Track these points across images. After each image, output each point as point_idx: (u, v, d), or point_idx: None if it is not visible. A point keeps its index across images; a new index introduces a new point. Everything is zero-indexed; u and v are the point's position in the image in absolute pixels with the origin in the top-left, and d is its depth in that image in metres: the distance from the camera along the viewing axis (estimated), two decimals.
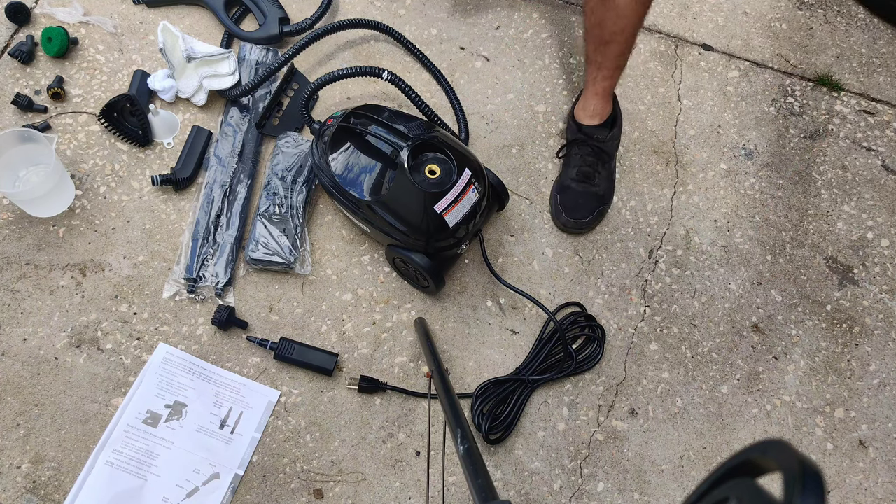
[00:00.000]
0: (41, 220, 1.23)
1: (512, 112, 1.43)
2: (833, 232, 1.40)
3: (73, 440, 1.11)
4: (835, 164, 1.46)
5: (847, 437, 1.25)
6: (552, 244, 1.33)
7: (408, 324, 1.24)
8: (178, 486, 1.10)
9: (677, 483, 1.19)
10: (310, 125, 1.25)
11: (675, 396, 1.25)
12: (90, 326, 1.18)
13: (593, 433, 1.21)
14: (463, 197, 1.07)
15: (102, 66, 1.36)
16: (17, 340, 1.16)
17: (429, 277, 1.15)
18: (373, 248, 1.29)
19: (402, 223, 1.10)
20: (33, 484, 1.08)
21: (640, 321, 1.29)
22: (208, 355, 1.19)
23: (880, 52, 1.58)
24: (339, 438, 1.16)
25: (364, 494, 1.13)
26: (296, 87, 1.39)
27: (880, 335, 1.33)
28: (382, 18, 1.47)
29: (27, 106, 1.29)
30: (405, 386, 1.20)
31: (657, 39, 1.54)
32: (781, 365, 1.29)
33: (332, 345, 1.22)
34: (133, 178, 1.29)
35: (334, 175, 1.15)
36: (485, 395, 1.17)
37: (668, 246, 1.36)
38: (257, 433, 1.15)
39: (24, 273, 1.20)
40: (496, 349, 1.25)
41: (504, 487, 1.16)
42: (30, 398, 1.13)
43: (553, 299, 1.29)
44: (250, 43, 1.40)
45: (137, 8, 1.42)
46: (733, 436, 1.23)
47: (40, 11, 1.39)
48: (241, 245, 1.25)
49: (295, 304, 1.24)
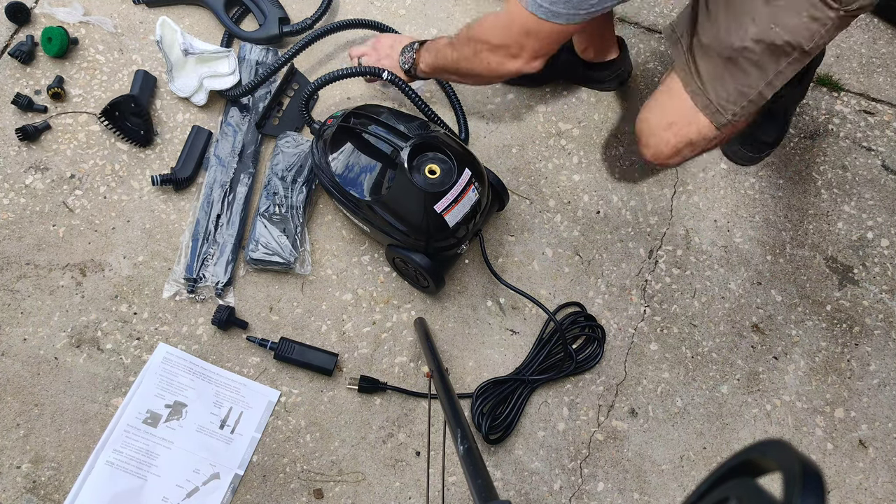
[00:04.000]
0: (41, 220, 1.23)
1: (512, 112, 1.43)
2: (833, 232, 1.40)
3: (73, 440, 1.11)
4: (835, 164, 1.46)
5: (847, 437, 1.25)
6: (552, 244, 1.33)
7: (408, 324, 1.24)
8: (178, 485, 1.10)
9: (677, 483, 1.19)
10: (310, 125, 1.25)
11: (675, 396, 1.25)
12: (90, 326, 1.18)
13: (593, 433, 1.21)
14: (463, 197, 1.07)
15: (102, 66, 1.36)
16: (17, 340, 1.16)
17: (429, 277, 1.15)
18: (373, 248, 1.29)
19: (402, 223, 1.10)
20: (33, 484, 1.08)
21: (640, 321, 1.29)
22: (208, 355, 1.19)
23: (880, 52, 1.58)
24: (339, 438, 1.16)
25: (364, 494, 1.13)
26: (296, 87, 1.39)
27: (880, 335, 1.33)
28: (382, 18, 1.47)
29: (27, 106, 1.29)
30: (405, 386, 1.20)
31: (657, 39, 1.53)
32: (781, 365, 1.29)
33: (332, 345, 1.22)
34: (133, 178, 1.29)
35: (334, 175, 1.15)
36: (485, 395, 1.17)
37: (668, 246, 1.36)
38: (257, 433, 1.15)
39: (24, 273, 1.20)
40: (496, 349, 1.25)
41: (504, 487, 1.16)
42: (30, 398, 1.13)
43: (553, 299, 1.29)
44: (250, 43, 1.40)
45: (137, 8, 1.42)
46: (733, 436, 1.23)
47: (40, 11, 1.39)
48: (241, 245, 1.25)
49: (295, 304, 1.24)
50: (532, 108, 1.44)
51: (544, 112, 1.44)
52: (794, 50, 1.00)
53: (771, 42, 0.99)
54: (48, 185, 1.26)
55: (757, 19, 0.99)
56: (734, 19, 1.02)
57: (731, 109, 1.08)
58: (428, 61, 1.17)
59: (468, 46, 1.05)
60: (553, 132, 1.42)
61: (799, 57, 1.02)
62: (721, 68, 1.05)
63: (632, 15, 1.54)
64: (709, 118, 1.09)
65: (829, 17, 0.97)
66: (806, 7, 0.96)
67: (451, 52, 1.10)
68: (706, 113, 1.09)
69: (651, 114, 1.17)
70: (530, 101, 1.45)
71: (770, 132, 1.39)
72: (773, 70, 1.03)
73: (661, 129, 1.14)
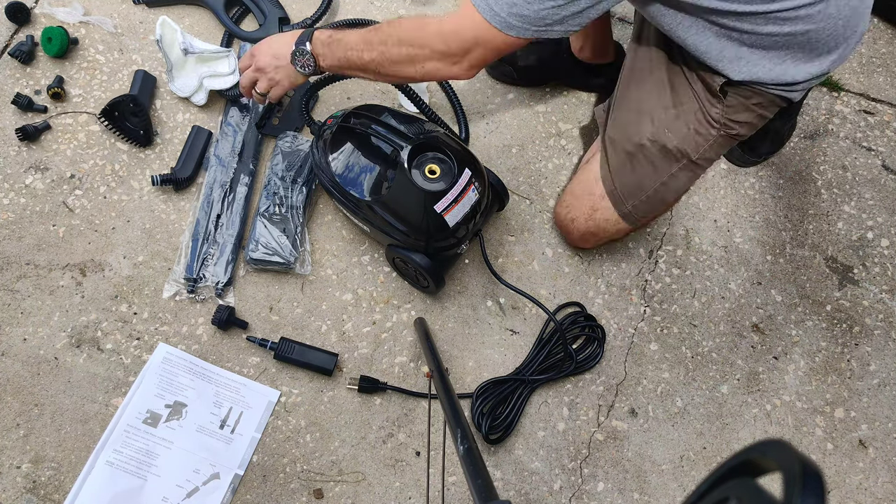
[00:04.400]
0: (41, 220, 1.23)
1: (512, 112, 1.43)
2: (833, 232, 1.40)
3: (73, 440, 1.11)
4: (835, 164, 1.46)
5: (847, 437, 1.25)
6: (552, 244, 1.33)
7: (408, 324, 1.24)
8: (178, 485, 1.10)
9: (677, 483, 1.19)
10: (310, 125, 1.25)
11: (675, 396, 1.25)
12: (90, 326, 1.18)
13: (593, 433, 1.21)
14: (463, 197, 1.07)
15: (102, 66, 1.36)
16: (17, 340, 1.16)
17: (429, 277, 1.15)
18: (373, 248, 1.29)
19: (402, 223, 1.10)
20: (33, 484, 1.08)
21: (640, 321, 1.29)
22: (208, 355, 1.19)
23: (880, 52, 1.58)
24: (339, 438, 1.16)
25: (364, 494, 1.13)
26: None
27: (880, 335, 1.33)
28: (382, 18, 1.47)
29: (27, 106, 1.29)
30: (405, 386, 1.20)
31: None
32: (781, 365, 1.29)
33: (332, 345, 1.22)
34: (133, 178, 1.29)
35: (334, 175, 1.15)
36: (485, 395, 1.17)
37: (668, 246, 1.36)
38: (257, 433, 1.15)
39: (24, 273, 1.20)
40: (496, 349, 1.25)
41: (504, 487, 1.16)
42: (30, 398, 1.13)
43: (553, 299, 1.29)
44: (250, 43, 1.39)
45: (137, 8, 1.42)
46: (733, 436, 1.23)
47: (40, 11, 1.39)
48: (241, 245, 1.25)
49: (295, 304, 1.24)
50: (532, 108, 1.44)
51: (544, 112, 1.44)
52: (684, 157, 1.10)
53: (664, 144, 1.09)
54: (48, 185, 1.26)
55: (655, 121, 1.09)
56: (636, 116, 1.11)
57: (631, 201, 1.16)
58: (332, 61, 1.05)
59: (398, 49, 0.98)
60: (553, 132, 1.42)
61: (689, 164, 1.11)
62: (624, 158, 1.14)
63: (630, 14, 1.54)
64: (613, 205, 1.18)
65: (711, 133, 1.07)
66: (693, 121, 1.06)
67: (367, 52, 1.01)
68: (611, 199, 1.18)
69: (570, 197, 1.26)
70: (530, 101, 1.45)
71: (767, 146, 1.41)
72: (667, 172, 1.12)
73: (580, 212, 1.23)
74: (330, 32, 1.05)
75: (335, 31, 1.05)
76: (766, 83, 0.99)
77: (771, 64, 0.97)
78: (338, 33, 1.05)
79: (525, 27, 0.89)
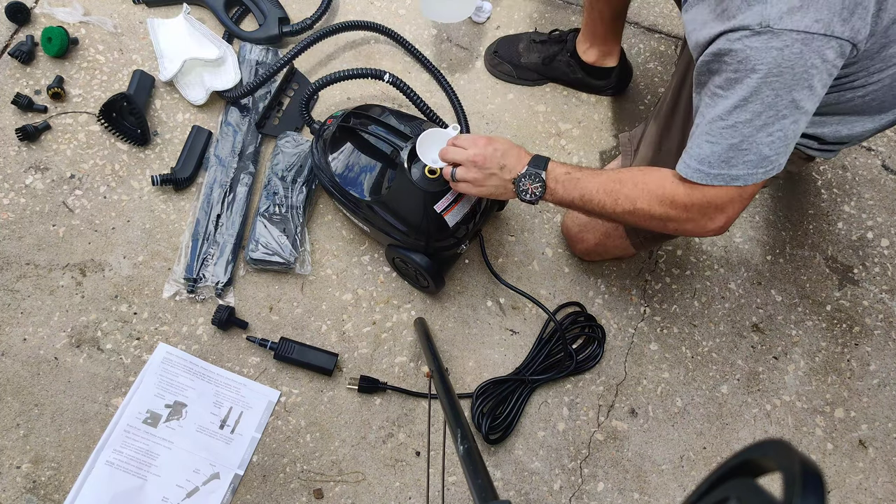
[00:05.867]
0: (41, 220, 1.23)
1: (512, 112, 1.43)
2: (833, 232, 1.40)
3: (73, 440, 1.11)
4: (835, 164, 1.46)
5: (847, 437, 1.25)
6: (552, 244, 1.33)
7: (408, 324, 1.24)
8: (178, 485, 1.10)
9: (677, 483, 1.19)
10: (310, 125, 1.25)
11: (675, 396, 1.25)
12: (90, 326, 1.18)
13: (593, 433, 1.21)
14: (463, 197, 1.07)
15: (102, 65, 1.36)
16: (17, 340, 1.16)
17: (429, 277, 1.15)
18: (373, 248, 1.29)
19: (402, 223, 1.10)
20: (33, 484, 1.08)
21: (640, 321, 1.29)
22: (208, 355, 1.19)
23: None
24: (339, 438, 1.16)
25: (364, 494, 1.13)
26: (296, 87, 1.39)
27: (880, 335, 1.33)
28: (382, 18, 1.47)
29: (27, 106, 1.29)
30: (405, 386, 1.20)
31: (657, 39, 1.54)
32: (781, 365, 1.29)
33: (332, 345, 1.22)
34: (133, 178, 1.29)
35: (334, 175, 1.15)
36: (485, 395, 1.17)
37: (668, 246, 1.36)
38: (257, 433, 1.15)
39: (24, 273, 1.20)
40: (496, 349, 1.25)
41: (504, 487, 1.16)
42: (30, 398, 1.13)
43: (553, 299, 1.29)
44: (250, 43, 1.40)
45: (137, 8, 1.42)
46: (733, 436, 1.23)
47: (40, 11, 1.39)
48: (241, 245, 1.25)
49: (295, 304, 1.24)
50: (532, 108, 1.44)
51: (544, 112, 1.44)
52: None
53: None
54: (48, 185, 1.26)
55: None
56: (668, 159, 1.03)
57: (644, 233, 1.16)
58: (563, 196, 0.96)
59: (658, 207, 0.91)
60: (553, 132, 1.42)
61: None
62: None
63: (632, 15, 1.54)
64: (627, 235, 1.18)
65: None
66: None
67: (609, 201, 0.93)
68: (626, 229, 1.17)
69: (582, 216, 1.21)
70: (530, 101, 1.45)
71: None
72: None
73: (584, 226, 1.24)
74: (567, 168, 0.96)
75: (572, 168, 0.97)
76: (825, 139, 0.99)
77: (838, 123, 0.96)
78: (576, 171, 0.96)
79: (767, 171, 0.85)
